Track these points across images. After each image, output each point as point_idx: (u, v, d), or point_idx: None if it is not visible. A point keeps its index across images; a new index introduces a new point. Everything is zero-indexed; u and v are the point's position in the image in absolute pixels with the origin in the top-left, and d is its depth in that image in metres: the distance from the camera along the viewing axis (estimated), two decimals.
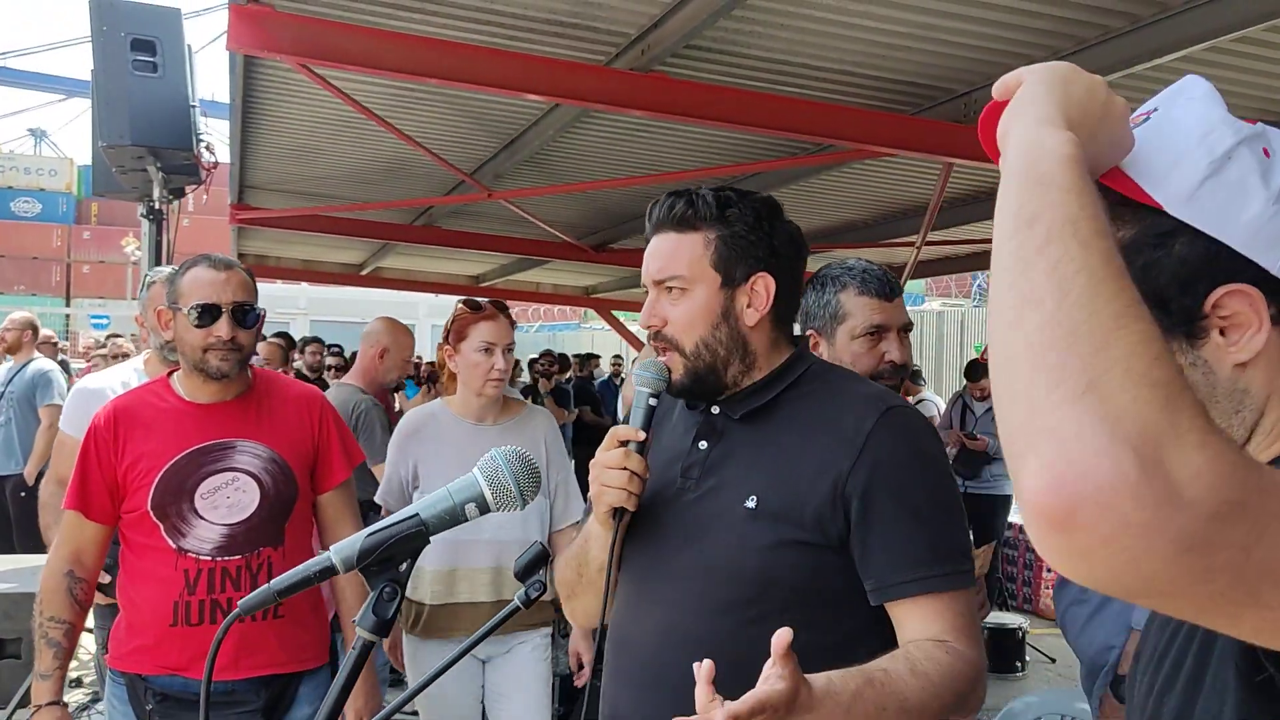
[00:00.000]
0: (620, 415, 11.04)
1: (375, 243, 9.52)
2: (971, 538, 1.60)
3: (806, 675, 1.26)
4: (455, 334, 3.22)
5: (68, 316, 21.70)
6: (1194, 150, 0.88)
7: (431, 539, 1.21)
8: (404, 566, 1.19)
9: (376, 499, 3.36)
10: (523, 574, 1.39)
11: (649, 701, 1.59)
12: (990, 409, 7.31)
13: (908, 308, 2.44)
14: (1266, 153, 0.88)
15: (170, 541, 2.42)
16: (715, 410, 1.71)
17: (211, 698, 2.40)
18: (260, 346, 7.03)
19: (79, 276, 23.26)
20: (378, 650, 3.16)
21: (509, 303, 3.64)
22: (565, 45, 3.89)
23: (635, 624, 1.67)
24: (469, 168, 6.05)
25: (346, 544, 1.18)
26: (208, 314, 2.45)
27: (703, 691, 1.23)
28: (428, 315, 22.62)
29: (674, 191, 1.69)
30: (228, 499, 2.45)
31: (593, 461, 1.63)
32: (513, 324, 3.33)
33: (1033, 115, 0.81)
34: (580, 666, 3.32)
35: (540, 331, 26.61)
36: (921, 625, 1.52)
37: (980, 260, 9.25)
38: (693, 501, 1.65)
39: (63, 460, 3.45)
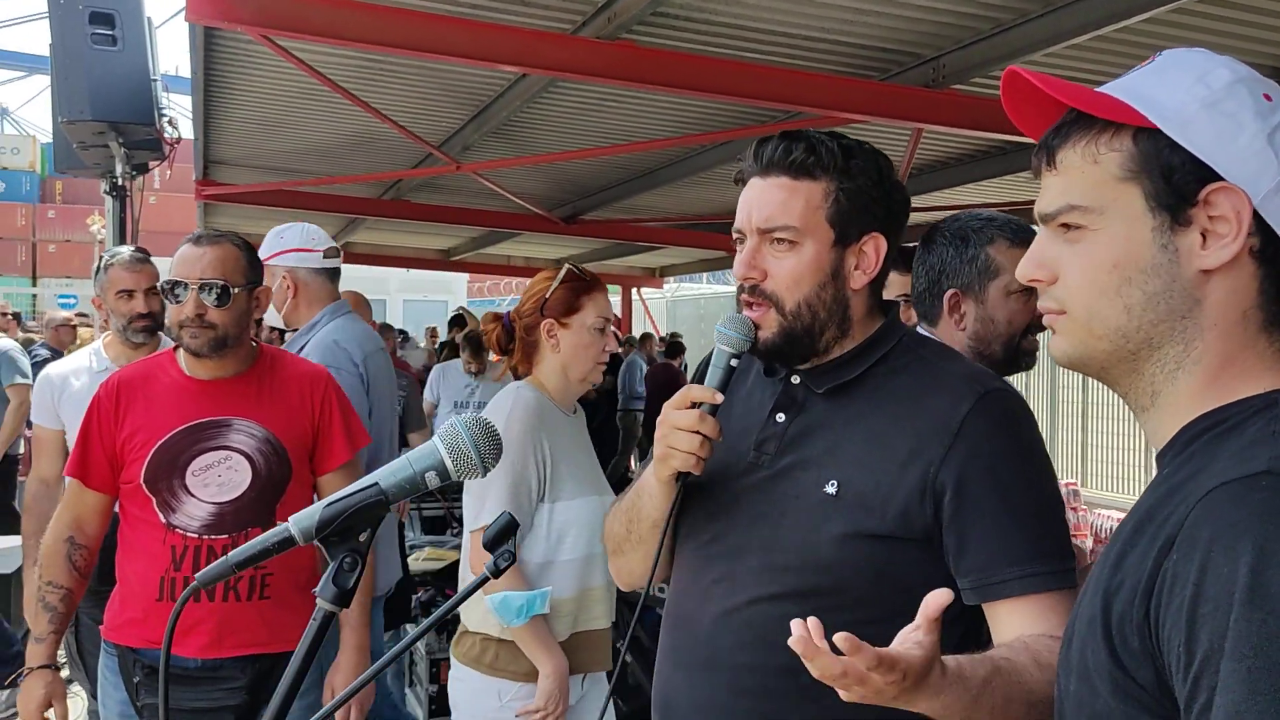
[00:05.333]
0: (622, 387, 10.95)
1: (344, 217, 9.44)
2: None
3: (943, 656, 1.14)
4: (563, 305, 2.67)
5: (34, 296, 21.41)
6: (1192, 84, 0.96)
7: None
8: (364, 537, 1.17)
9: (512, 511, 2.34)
10: (491, 544, 1.38)
11: (702, 683, 1.52)
12: None
13: None
14: (1267, 98, 0.95)
15: (161, 516, 2.42)
16: (795, 380, 1.57)
17: (198, 674, 2.42)
18: None
19: (45, 256, 22.88)
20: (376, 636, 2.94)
21: (482, 277, 3.50)
22: (530, 14, 3.86)
23: (694, 601, 1.55)
24: (436, 140, 5.99)
25: (305, 514, 1.16)
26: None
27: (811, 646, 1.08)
28: (399, 290, 22.44)
29: (787, 132, 1.54)
30: (219, 477, 2.43)
31: (661, 418, 1.50)
32: None
33: None
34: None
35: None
36: (1023, 626, 1.39)
37: None
38: (766, 479, 1.53)
39: (40, 455, 3.41)
